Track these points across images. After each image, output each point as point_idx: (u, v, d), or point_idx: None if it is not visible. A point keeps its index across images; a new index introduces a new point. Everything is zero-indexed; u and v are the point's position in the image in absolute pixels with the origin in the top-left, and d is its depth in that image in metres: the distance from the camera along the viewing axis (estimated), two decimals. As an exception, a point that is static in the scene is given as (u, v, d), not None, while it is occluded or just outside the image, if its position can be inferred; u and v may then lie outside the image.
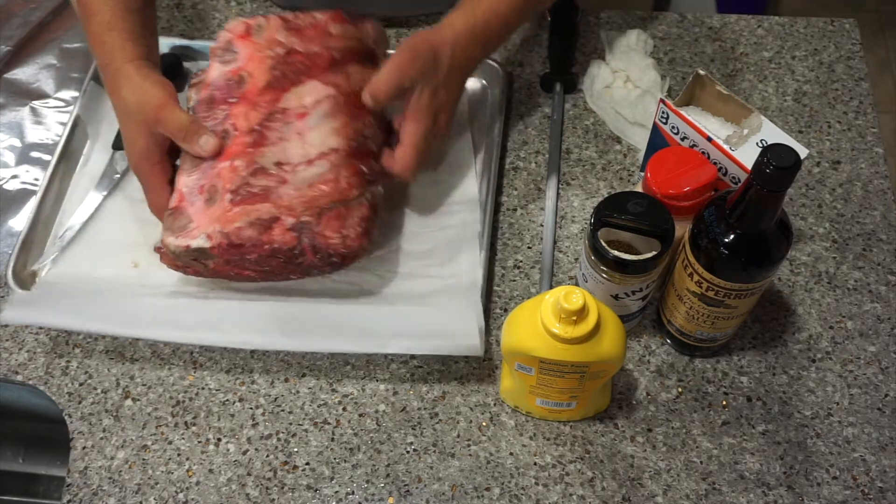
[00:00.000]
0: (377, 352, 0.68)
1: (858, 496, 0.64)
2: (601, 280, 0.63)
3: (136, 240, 0.75)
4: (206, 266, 0.67)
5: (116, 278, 0.73)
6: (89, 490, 0.66)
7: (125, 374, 0.71)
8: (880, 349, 0.71)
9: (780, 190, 0.52)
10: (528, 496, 0.65)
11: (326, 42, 0.72)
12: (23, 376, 0.71)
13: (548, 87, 0.86)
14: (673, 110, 0.67)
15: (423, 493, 0.65)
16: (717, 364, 0.70)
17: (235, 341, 0.68)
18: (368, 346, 0.67)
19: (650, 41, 0.88)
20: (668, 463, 0.66)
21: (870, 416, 0.67)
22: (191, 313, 0.69)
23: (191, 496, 0.65)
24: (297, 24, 0.72)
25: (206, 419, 0.69)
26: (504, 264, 0.76)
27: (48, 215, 0.78)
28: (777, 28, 0.91)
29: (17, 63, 0.91)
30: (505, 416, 0.68)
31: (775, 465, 0.66)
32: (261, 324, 0.68)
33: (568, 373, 0.58)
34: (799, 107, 0.85)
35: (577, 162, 0.82)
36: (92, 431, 0.68)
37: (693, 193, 0.63)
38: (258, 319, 0.69)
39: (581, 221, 0.78)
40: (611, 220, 0.61)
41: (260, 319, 0.69)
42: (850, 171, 0.80)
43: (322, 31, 0.72)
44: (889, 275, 0.74)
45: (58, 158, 0.80)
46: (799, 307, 0.73)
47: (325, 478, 0.66)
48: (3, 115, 0.87)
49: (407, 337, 0.66)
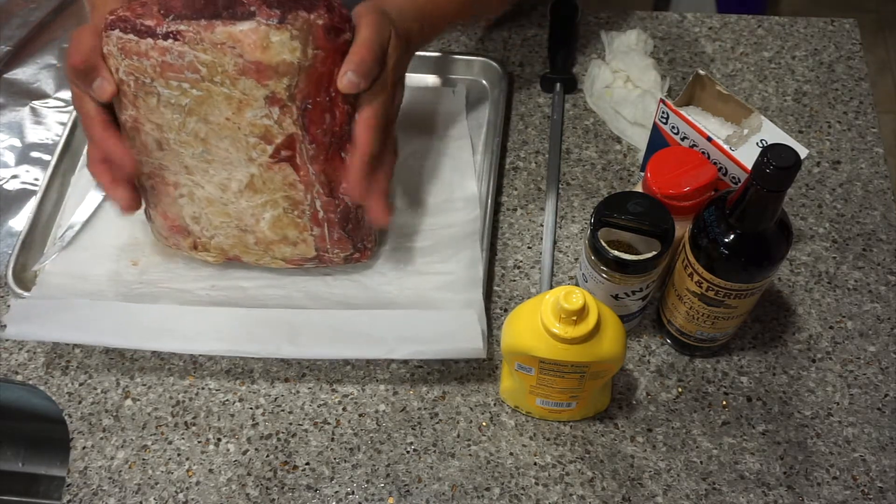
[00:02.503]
0: (384, 357, 0.68)
1: (858, 496, 0.64)
2: (601, 280, 0.63)
3: (135, 239, 0.76)
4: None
5: (115, 277, 0.73)
6: (89, 490, 0.66)
7: (125, 374, 0.71)
8: (880, 349, 0.71)
9: (780, 190, 0.52)
10: (528, 496, 0.65)
11: None
12: (23, 376, 0.71)
13: (548, 87, 0.86)
14: (673, 110, 0.67)
15: (423, 493, 0.65)
16: (717, 364, 0.70)
17: (239, 350, 0.68)
18: (375, 351, 0.67)
19: (650, 41, 0.88)
20: (668, 463, 0.66)
21: (870, 416, 0.67)
22: (191, 322, 0.68)
23: (191, 496, 0.65)
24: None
25: (206, 419, 0.69)
26: (504, 264, 0.76)
27: (48, 215, 0.78)
28: (777, 28, 0.91)
29: (17, 63, 0.91)
30: (505, 416, 0.68)
31: (775, 465, 0.66)
32: (265, 332, 0.68)
33: (568, 373, 0.58)
34: (799, 107, 0.85)
35: (577, 162, 0.82)
36: (92, 431, 0.68)
37: (693, 193, 0.63)
38: (262, 327, 0.68)
39: (581, 221, 0.78)
40: (611, 220, 0.61)
41: (263, 327, 0.68)
42: (850, 171, 0.80)
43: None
44: (889, 275, 0.74)
45: (58, 158, 0.80)
46: (799, 307, 0.73)
47: (325, 478, 0.66)
48: (3, 115, 0.87)
49: (411, 342, 0.66)
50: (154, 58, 0.59)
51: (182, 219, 0.69)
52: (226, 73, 0.59)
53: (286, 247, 0.69)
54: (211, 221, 0.68)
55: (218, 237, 0.69)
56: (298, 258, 0.70)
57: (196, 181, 0.66)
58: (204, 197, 0.67)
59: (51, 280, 0.73)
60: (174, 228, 0.70)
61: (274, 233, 0.68)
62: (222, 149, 0.63)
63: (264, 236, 0.68)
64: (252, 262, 0.71)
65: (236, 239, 0.69)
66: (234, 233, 0.69)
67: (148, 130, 0.63)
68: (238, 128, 0.62)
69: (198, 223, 0.69)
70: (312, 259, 0.70)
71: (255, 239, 0.69)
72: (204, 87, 0.60)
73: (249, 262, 0.71)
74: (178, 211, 0.68)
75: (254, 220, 0.67)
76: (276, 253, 0.70)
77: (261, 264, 0.71)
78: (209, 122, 0.62)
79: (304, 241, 0.68)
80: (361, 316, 0.68)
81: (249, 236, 0.69)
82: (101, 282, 0.73)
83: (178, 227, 0.69)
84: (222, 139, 0.63)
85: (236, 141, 0.62)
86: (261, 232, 0.68)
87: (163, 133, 0.63)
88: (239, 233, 0.68)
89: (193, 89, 0.60)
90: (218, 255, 0.71)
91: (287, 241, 0.68)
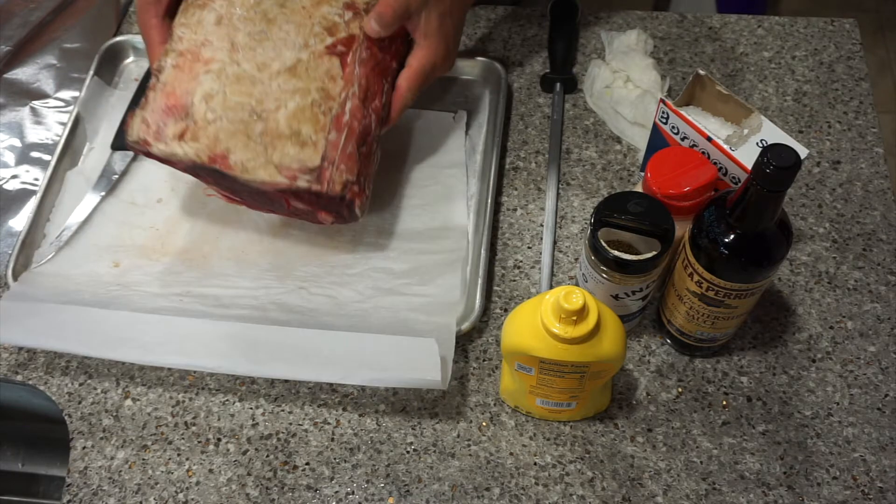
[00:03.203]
0: (340, 382, 0.66)
1: (858, 496, 0.64)
2: (601, 280, 0.63)
3: (120, 242, 0.76)
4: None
5: (94, 277, 0.73)
6: (89, 490, 0.66)
7: (125, 374, 0.71)
8: (880, 349, 0.71)
9: (780, 190, 0.52)
10: (528, 496, 0.65)
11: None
12: (23, 376, 0.71)
13: (548, 87, 0.86)
14: (673, 110, 0.67)
15: (423, 493, 0.65)
16: (717, 364, 0.70)
17: (197, 364, 0.67)
18: (333, 375, 0.66)
19: (650, 41, 0.88)
20: (668, 463, 0.66)
21: (870, 416, 0.67)
22: (151, 332, 0.67)
23: (191, 496, 0.65)
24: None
25: (206, 419, 0.69)
26: (504, 264, 0.76)
27: (48, 215, 0.78)
28: (777, 28, 0.91)
29: (17, 63, 0.90)
30: (505, 416, 0.68)
31: (775, 465, 0.66)
32: (224, 347, 0.67)
33: (568, 373, 0.58)
34: (799, 107, 0.85)
35: (577, 162, 0.82)
36: (92, 431, 0.68)
37: (693, 193, 0.63)
38: (222, 341, 0.67)
39: (581, 221, 0.78)
40: (611, 220, 0.61)
41: (226, 342, 0.67)
42: (850, 171, 0.80)
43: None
44: (889, 275, 0.74)
45: (57, 158, 0.80)
46: (799, 307, 0.73)
47: (325, 478, 0.66)
48: (3, 115, 0.87)
49: (368, 367, 0.65)
50: None
51: (190, 96, 0.66)
52: None
53: (293, 146, 0.65)
54: (226, 100, 0.65)
55: (220, 122, 0.65)
56: (297, 167, 0.65)
57: (236, 59, 0.66)
58: (234, 74, 0.66)
59: (33, 278, 0.73)
60: (171, 109, 0.66)
61: (289, 124, 0.65)
62: (284, 31, 0.67)
63: (276, 126, 0.65)
64: (238, 165, 0.65)
65: (240, 126, 0.65)
66: (243, 117, 0.65)
67: (216, 7, 0.67)
68: (309, 16, 0.67)
69: (207, 102, 0.65)
70: (311, 172, 0.65)
71: (264, 128, 0.65)
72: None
73: (234, 165, 0.65)
74: (191, 88, 0.66)
75: (276, 104, 0.65)
76: (276, 153, 0.65)
77: (247, 169, 0.65)
78: (284, 6, 0.67)
79: (314, 144, 0.65)
80: (323, 336, 0.67)
81: (259, 124, 0.65)
82: (81, 281, 0.73)
83: (177, 107, 0.66)
84: (289, 22, 0.67)
85: (301, 27, 0.67)
86: (275, 121, 0.65)
87: (232, 8, 0.67)
88: (249, 118, 0.65)
89: None
90: (203, 147, 0.66)
91: (298, 138, 0.65)
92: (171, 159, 0.66)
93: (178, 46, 0.67)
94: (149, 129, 0.66)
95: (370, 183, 0.70)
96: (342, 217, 0.69)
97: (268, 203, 0.70)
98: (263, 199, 0.69)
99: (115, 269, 0.74)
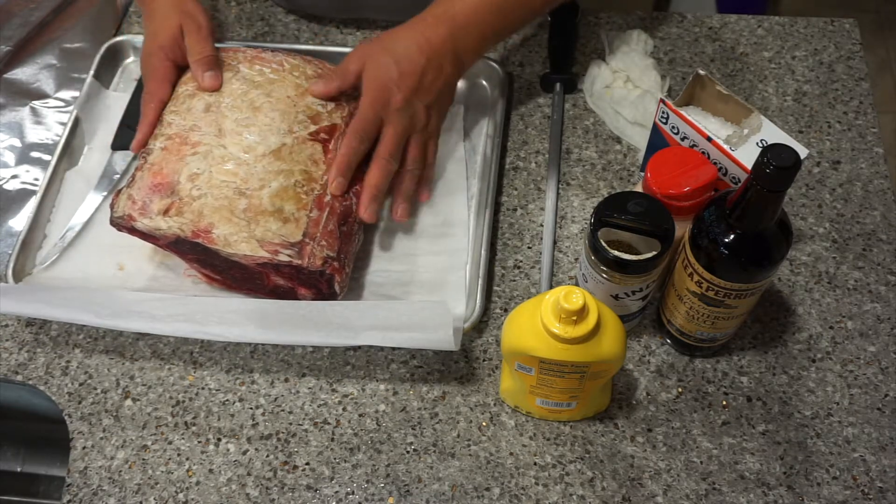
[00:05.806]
0: (348, 343, 0.67)
1: (858, 496, 0.64)
2: (601, 280, 0.63)
3: (123, 242, 0.76)
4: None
5: (99, 279, 0.74)
6: (89, 490, 0.66)
7: (125, 374, 0.71)
8: (880, 349, 0.71)
9: (780, 190, 0.52)
10: (528, 496, 0.65)
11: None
12: (23, 376, 0.71)
13: (548, 87, 0.86)
14: (673, 110, 0.67)
15: (423, 493, 0.65)
16: (717, 364, 0.70)
17: (208, 333, 0.68)
18: (345, 338, 0.66)
19: (650, 41, 0.88)
20: (668, 463, 0.66)
21: (870, 416, 0.67)
22: (166, 306, 0.68)
23: (191, 496, 0.65)
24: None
25: (206, 419, 0.69)
26: (504, 264, 0.76)
27: (48, 215, 0.78)
28: (777, 28, 0.91)
29: (17, 63, 0.91)
30: (505, 416, 0.68)
31: (775, 465, 0.66)
32: (236, 317, 0.67)
33: (568, 373, 0.58)
34: (799, 107, 0.85)
35: (577, 162, 0.82)
36: (92, 431, 0.68)
37: (693, 193, 0.63)
38: (234, 313, 0.67)
39: (581, 221, 0.78)
40: (611, 220, 0.61)
41: (236, 313, 0.67)
42: (850, 171, 0.80)
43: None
44: (889, 275, 0.74)
45: (57, 158, 0.80)
46: (799, 307, 0.73)
47: (325, 478, 0.66)
48: (3, 115, 0.87)
49: (379, 329, 0.65)
50: (250, 52, 0.75)
51: (177, 175, 0.68)
52: (304, 73, 0.73)
53: (275, 222, 0.66)
54: (212, 179, 0.67)
55: (205, 198, 0.67)
56: (278, 242, 0.66)
57: (223, 142, 0.69)
58: (220, 155, 0.68)
59: (38, 282, 0.74)
60: (158, 186, 0.67)
61: (272, 202, 0.67)
62: (269, 117, 0.70)
63: (260, 203, 0.66)
64: (220, 238, 0.66)
65: (225, 202, 0.67)
66: (227, 194, 0.67)
67: (205, 97, 0.72)
68: (294, 105, 0.71)
69: (193, 180, 0.67)
70: (292, 246, 0.66)
71: (248, 205, 0.66)
72: (282, 73, 0.73)
73: (217, 239, 0.66)
74: (178, 167, 0.68)
75: (260, 184, 0.67)
76: (259, 228, 0.66)
77: (230, 243, 0.66)
78: (271, 97, 0.71)
79: (296, 221, 0.67)
80: (333, 305, 0.67)
81: (243, 201, 0.66)
82: (86, 281, 0.74)
83: (163, 185, 0.67)
84: (274, 110, 0.71)
85: (286, 114, 0.71)
86: (259, 198, 0.67)
87: (220, 97, 0.71)
88: (233, 195, 0.67)
89: (272, 74, 0.73)
90: (187, 222, 0.66)
91: (280, 214, 0.66)
92: (154, 234, 0.68)
93: (168, 131, 0.70)
94: (134, 204, 0.68)
95: (350, 261, 0.71)
96: (321, 293, 0.70)
97: (248, 280, 0.71)
98: (244, 275, 0.70)
99: (119, 273, 0.75)
